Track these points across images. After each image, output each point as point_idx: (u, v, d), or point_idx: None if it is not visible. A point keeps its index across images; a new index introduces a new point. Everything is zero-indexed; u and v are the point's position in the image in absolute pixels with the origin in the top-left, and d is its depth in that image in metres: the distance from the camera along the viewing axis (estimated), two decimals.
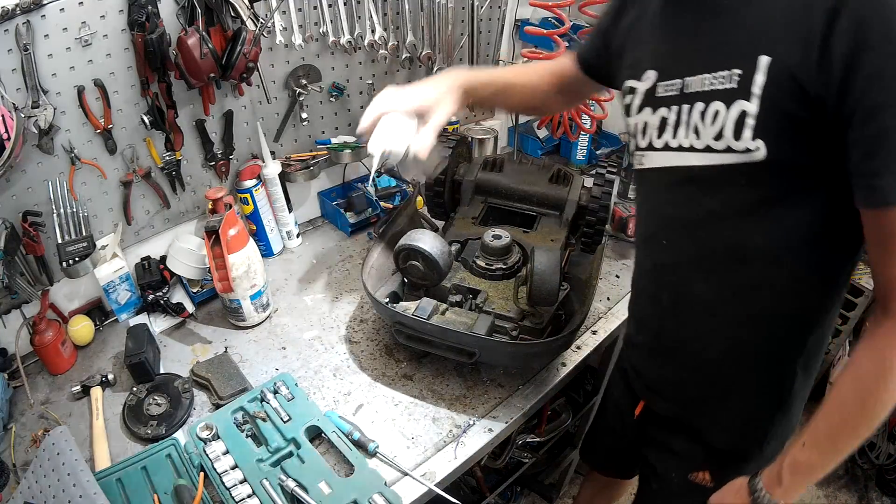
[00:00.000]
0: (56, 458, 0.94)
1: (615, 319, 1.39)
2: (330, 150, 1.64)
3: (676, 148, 0.78)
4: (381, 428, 1.11)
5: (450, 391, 1.19)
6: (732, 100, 0.68)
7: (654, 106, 0.81)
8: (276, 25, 1.39)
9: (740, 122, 0.68)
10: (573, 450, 1.87)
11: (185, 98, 1.35)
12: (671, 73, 0.77)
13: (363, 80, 1.67)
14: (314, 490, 0.95)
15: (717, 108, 0.71)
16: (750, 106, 0.67)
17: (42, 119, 1.12)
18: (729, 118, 0.69)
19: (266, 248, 1.58)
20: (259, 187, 1.50)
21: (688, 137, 0.76)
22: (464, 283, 1.20)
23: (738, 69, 0.67)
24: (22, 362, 1.21)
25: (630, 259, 1.59)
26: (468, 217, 1.38)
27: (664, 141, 0.80)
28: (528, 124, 2.05)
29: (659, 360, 1.01)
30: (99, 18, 1.15)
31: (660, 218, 0.88)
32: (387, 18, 1.58)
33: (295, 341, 1.32)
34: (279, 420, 1.07)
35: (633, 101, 0.85)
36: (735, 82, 0.68)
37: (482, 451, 1.10)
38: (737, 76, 0.67)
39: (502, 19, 1.84)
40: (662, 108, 0.80)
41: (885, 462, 2.03)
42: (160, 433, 1.08)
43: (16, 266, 1.17)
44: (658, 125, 0.81)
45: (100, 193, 1.32)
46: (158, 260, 1.43)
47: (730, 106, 0.69)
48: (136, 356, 1.16)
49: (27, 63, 1.08)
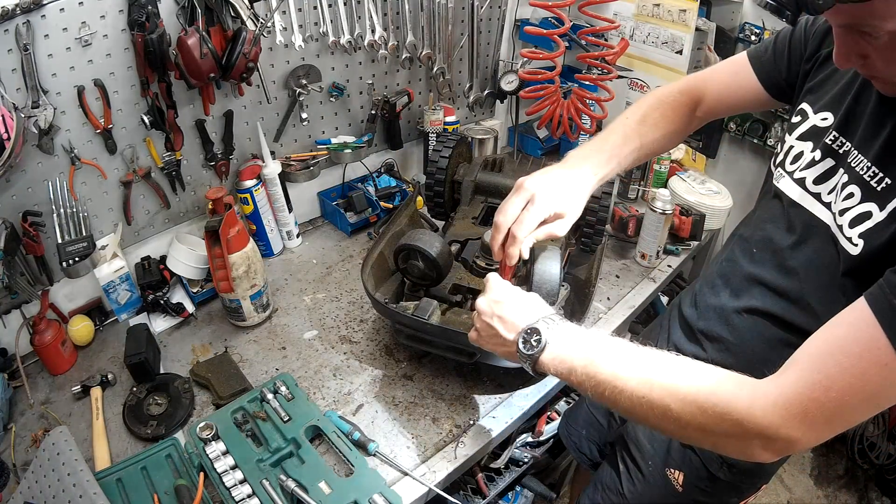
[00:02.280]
0: (56, 458, 0.94)
1: (615, 319, 1.39)
2: (330, 150, 1.64)
3: (812, 193, 0.82)
4: (381, 428, 1.11)
5: (450, 391, 1.19)
6: (869, 198, 0.71)
7: (815, 144, 0.84)
8: (276, 25, 1.39)
9: (862, 217, 0.71)
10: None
11: (185, 98, 1.35)
12: (845, 132, 0.79)
13: (363, 80, 1.67)
14: (314, 490, 0.95)
15: (853, 191, 0.73)
16: (878, 213, 0.69)
17: (42, 119, 1.12)
18: (858, 208, 0.72)
19: (266, 248, 1.58)
20: (259, 187, 1.50)
21: (819, 188, 0.81)
22: (464, 283, 1.20)
23: (892, 180, 0.69)
24: (22, 362, 1.21)
25: (629, 259, 1.59)
26: (468, 217, 1.37)
27: (804, 177, 0.84)
28: (528, 124, 2.05)
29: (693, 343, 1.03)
30: (99, 18, 1.15)
31: (761, 229, 0.92)
32: (387, 18, 1.58)
33: (295, 341, 1.32)
34: (279, 420, 1.07)
35: (801, 127, 0.87)
36: (881, 187, 0.70)
37: (482, 451, 1.10)
38: (886, 183, 0.70)
39: (502, 19, 1.84)
40: (819, 151, 0.82)
41: (885, 462, 2.02)
42: (160, 433, 1.08)
43: (16, 266, 1.17)
44: (809, 161, 0.84)
45: (100, 193, 1.32)
46: (158, 260, 1.43)
47: (864, 199, 0.72)
48: (136, 356, 1.16)
49: (27, 63, 1.08)
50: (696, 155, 1.88)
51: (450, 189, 1.44)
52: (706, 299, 1.02)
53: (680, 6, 1.59)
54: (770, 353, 0.68)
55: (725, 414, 0.64)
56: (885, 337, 0.58)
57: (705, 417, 0.65)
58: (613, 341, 0.77)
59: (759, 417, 0.62)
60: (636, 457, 1.10)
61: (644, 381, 0.70)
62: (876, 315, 0.59)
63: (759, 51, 0.98)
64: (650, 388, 0.69)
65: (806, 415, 0.60)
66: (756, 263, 0.91)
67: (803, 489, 2.20)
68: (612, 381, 0.72)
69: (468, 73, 1.84)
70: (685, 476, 1.01)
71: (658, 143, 1.03)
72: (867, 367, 0.58)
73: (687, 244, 1.62)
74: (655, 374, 0.70)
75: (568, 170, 0.95)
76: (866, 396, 0.59)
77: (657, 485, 1.05)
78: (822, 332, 0.64)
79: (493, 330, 0.86)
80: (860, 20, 0.62)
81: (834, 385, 0.59)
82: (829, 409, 0.60)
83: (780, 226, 0.88)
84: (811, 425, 0.61)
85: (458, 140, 1.47)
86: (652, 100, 1.05)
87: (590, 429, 1.33)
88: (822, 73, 0.87)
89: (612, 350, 0.75)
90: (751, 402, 0.63)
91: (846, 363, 0.59)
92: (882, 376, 0.58)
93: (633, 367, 0.72)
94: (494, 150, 1.90)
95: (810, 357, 0.63)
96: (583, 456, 1.34)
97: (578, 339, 0.78)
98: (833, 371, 0.60)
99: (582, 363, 0.75)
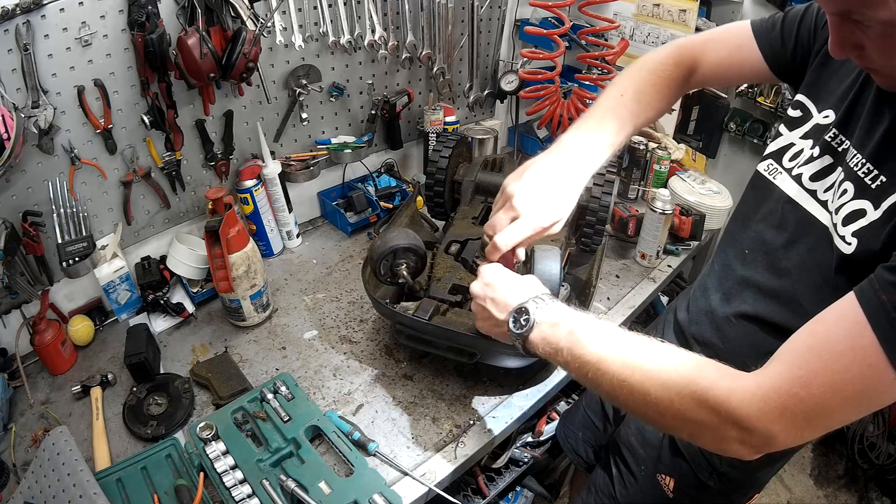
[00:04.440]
0: (56, 458, 0.94)
1: (615, 319, 1.39)
2: (330, 150, 1.64)
3: (808, 190, 0.81)
4: (381, 428, 1.11)
5: (450, 391, 1.19)
6: (863, 195, 0.70)
7: (815, 142, 0.82)
8: (276, 25, 1.39)
9: (855, 215, 0.70)
10: None
11: (185, 98, 1.35)
12: (845, 129, 0.78)
13: (363, 80, 1.67)
14: (314, 490, 0.95)
15: (846, 187, 0.72)
16: (872, 212, 0.68)
17: (42, 119, 1.12)
18: (851, 204, 0.71)
19: (266, 248, 1.58)
20: (259, 187, 1.50)
21: (816, 185, 0.80)
22: (464, 283, 1.20)
23: (887, 178, 0.68)
24: (22, 362, 1.21)
25: (629, 259, 1.59)
26: (468, 217, 1.37)
27: (801, 173, 0.82)
28: (528, 124, 2.05)
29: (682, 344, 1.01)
30: (99, 18, 1.15)
31: (753, 228, 0.90)
32: (387, 18, 1.58)
33: (295, 341, 1.32)
34: (279, 420, 1.07)
35: (803, 126, 0.86)
36: (875, 184, 0.69)
37: (482, 451, 1.10)
38: (881, 181, 0.68)
39: (502, 19, 1.84)
40: (818, 148, 0.81)
41: (886, 462, 2.03)
42: (160, 433, 1.08)
43: (16, 266, 1.17)
44: (807, 158, 0.82)
45: (100, 193, 1.32)
46: (158, 260, 1.43)
47: (856, 196, 0.70)
48: (136, 356, 1.16)
49: (27, 63, 1.08)
50: (696, 155, 1.88)
51: (450, 189, 1.44)
52: (698, 303, 1.01)
53: (680, 6, 1.60)
54: (761, 361, 0.68)
55: (703, 401, 0.63)
56: (873, 335, 0.55)
57: (683, 403, 0.64)
58: (601, 324, 0.77)
59: (736, 407, 0.61)
60: (629, 461, 1.10)
61: (626, 363, 0.69)
62: (864, 311, 0.57)
63: (765, 26, 0.93)
64: (632, 372, 0.68)
65: (784, 410, 0.59)
66: (748, 265, 0.90)
67: (803, 489, 2.20)
68: (596, 364, 0.71)
69: (468, 73, 1.84)
70: (675, 482, 1.01)
71: (650, 121, 1.01)
72: (850, 365, 0.56)
73: (687, 244, 1.62)
74: (638, 358, 0.69)
75: (560, 164, 0.91)
76: (848, 396, 0.58)
77: (649, 490, 1.05)
78: (809, 326, 0.63)
79: (486, 312, 0.87)
80: (850, 7, 0.61)
81: (814, 381, 0.58)
82: (809, 406, 0.58)
83: (771, 223, 0.86)
84: (790, 422, 0.60)
85: (458, 140, 1.47)
86: (646, 74, 0.98)
87: (586, 431, 1.33)
88: (826, 69, 0.85)
89: (598, 332, 0.75)
90: (730, 391, 0.62)
91: (829, 360, 0.58)
92: (866, 376, 0.56)
93: (617, 350, 0.71)
94: (494, 150, 1.90)
95: (793, 352, 0.62)
96: (579, 458, 1.34)
97: (566, 320, 0.78)
98: (815, 367, 0.59)
99: (568, 344, 0.75)
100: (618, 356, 0.71)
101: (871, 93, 0.75)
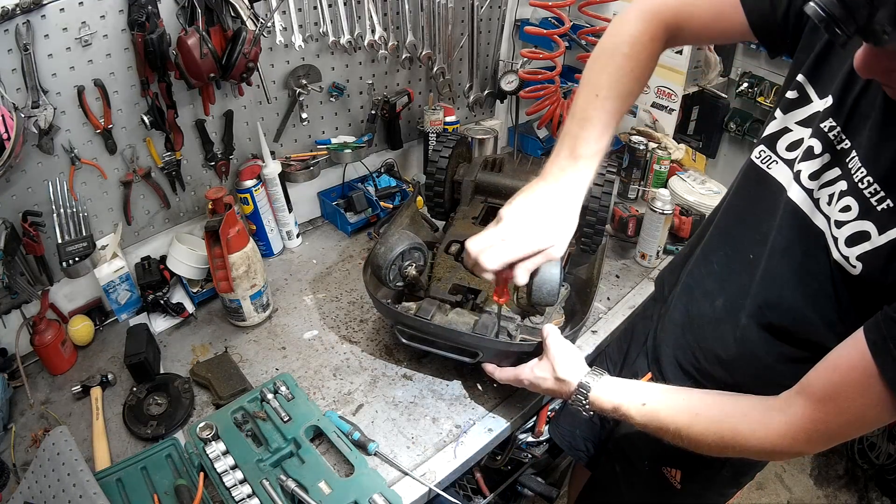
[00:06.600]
0: (56, 458, 0.94)
1: (615, 319, 1.39)
2: (330, 150, 1.64)
3: (806, 189, 0.77)
4: (381, 428, 1.11)
5: (450, 391, 1.19)
6: (867, 216, 0.67)
7: (813, 131, 0.77)
8: (276, 25, 1.39)
9: (859, 237, 0.68)
10: None
11: (185, 98, 1.35)
12: (846, 128, 0.73)
13: (363, 80, 1.67)
14: (314, 490, 0.95)
15: (849, 203, 0.69)
16: (876, 237, 0.66)
17: (42, 119, 1.12)
18: (854, 224, 0.69)
19: (266, 248, 1.58)
20: (259, 187, 1.50)
21: (813, 184, 0.76)
22: (464, 283, 1.20)
23: (895, 203, 0.65)
24: (22, 362, 1.21)
25: (629, 259, 1.59)
26: (468, 217, 1.37)
27: (800, 171, 0.78)
28: (528, 124, 2.05)
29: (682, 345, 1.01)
30: (99, 18, 1.15)
31: (745, 223, 0.89)
32: (387, 18, 1.58)
33: (295, 341, 1.32)
34: (279, 420, 1.07)
35: (801, 110, 0.80)
36: (881, 207, 0.66)
37: (482, 451, 1.10)
38: (888, 205, 0.65)
39: (502, 19, 1.84)
40: (816, 140, 0.76)
41: (886, 462, 2.03)
42: (160, 433, 1.08)
43: (16, 266, 1.17)
44: (806, 152, 0.77)
45: (100, 193, 1.32)
46: (158, 260, 1.43)
47: (860, 217, 0.68)
48: (136, 356, 1.16)
49: (27, 63, 1.08)
50: (696, 155, 1.88)
51: (450, 189, 1.44)
52: (699, 307, 0.99)
53: None
54: (770, 371, 0.73)
55: (743, 449, 0.78)
56: (886, 389, 0.63)
57: (723, 445, 0.79)
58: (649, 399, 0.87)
59: (771, 447, 0.75)
60: (631, 457, 1.10)
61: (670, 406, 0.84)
62: (878, 366, 0.63)
63: None
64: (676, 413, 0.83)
65: (809, 439, 0.73)
66: (748, 269, 0.86)
67: (803, 489, 2.20)
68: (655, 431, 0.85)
69: (468, 73, 1.84)
70: (682, 473, 1.01)
71: (630, 106, 0.94)
72: (865, 410, 0.67)
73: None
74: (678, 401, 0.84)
75: (550, 193, 0.87)
76: (862, 426, 0.71)
77: (654, 485, 1.05)
78: (825, 372, 0.70)
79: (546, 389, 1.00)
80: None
81: (833, 420, 0.70)
82: (829, 434, 0.71)
83: (770, 224, 0.82)
84: (814, 445, 0.74)
85: (458, 140, 1.47)
86: (621, 60, 0.89)
87: (582, 427, 1.32)
88: (827, 50, 0.77)
89: (650, 418, 0.86)
90: (765, 436, 0.75)
91: (844, 405, 0.68)
92: (877, 411, 0.66)
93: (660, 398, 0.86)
94: (494, 150, 1.90)
95: (813, 397, 0.71)
96: (579, 453, 1.34)
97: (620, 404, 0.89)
98: (832, 410, 0.70)
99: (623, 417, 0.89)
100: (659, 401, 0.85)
101: (877, 95, 0.70)
